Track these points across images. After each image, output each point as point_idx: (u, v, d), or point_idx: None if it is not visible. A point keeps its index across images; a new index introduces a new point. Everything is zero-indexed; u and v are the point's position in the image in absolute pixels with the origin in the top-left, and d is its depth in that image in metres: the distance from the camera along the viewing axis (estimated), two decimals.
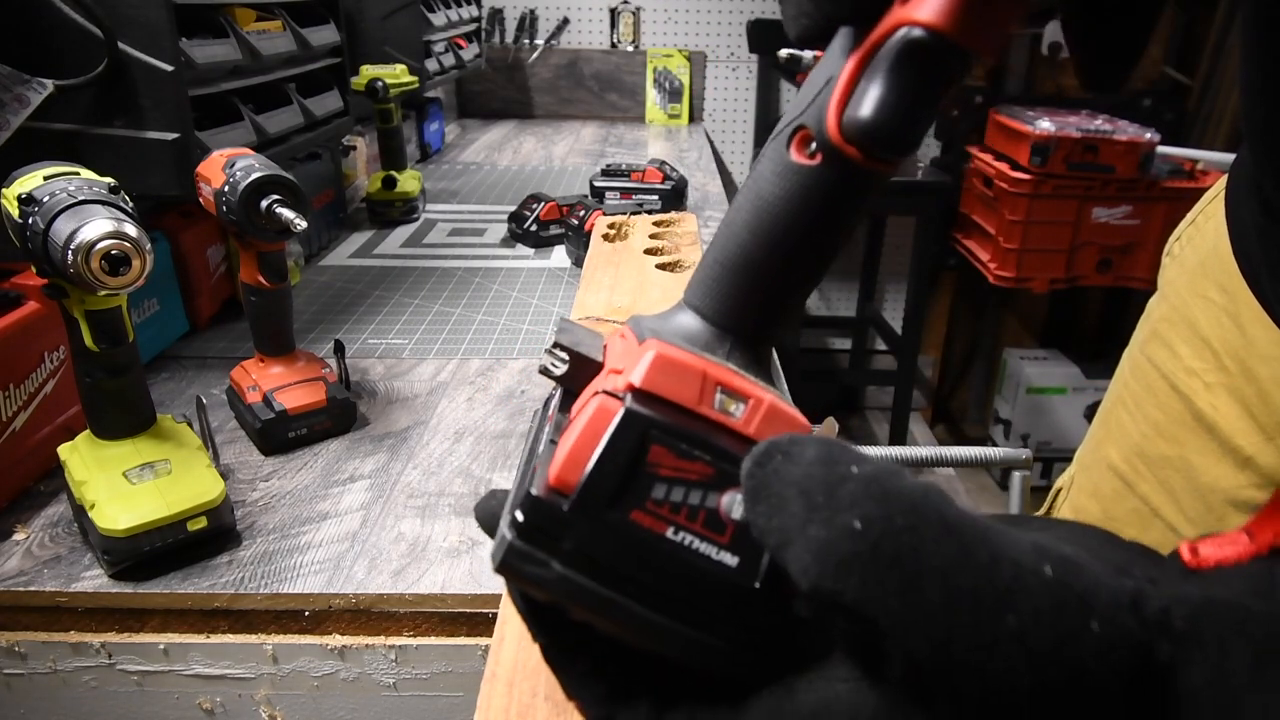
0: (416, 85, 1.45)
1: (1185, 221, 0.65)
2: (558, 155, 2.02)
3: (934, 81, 0.23)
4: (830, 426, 0.26)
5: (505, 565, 0.23)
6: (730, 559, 0.23)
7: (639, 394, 0.24)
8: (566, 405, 0.27)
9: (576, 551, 0.23)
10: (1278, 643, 0.19)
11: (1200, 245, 0.61)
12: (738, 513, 0.23)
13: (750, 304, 0.27)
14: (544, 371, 0.27)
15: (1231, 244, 0.56)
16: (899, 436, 2.46)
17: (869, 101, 0.23)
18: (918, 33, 0.22)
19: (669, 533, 0.23)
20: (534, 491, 0.23)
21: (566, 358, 0.27)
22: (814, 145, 0.25)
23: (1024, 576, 0.19)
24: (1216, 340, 0.58)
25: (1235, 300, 0.56)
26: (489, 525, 0.27)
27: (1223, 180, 0.60)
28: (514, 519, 0.23)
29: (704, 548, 0.23)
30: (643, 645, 0.24)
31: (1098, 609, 0.19)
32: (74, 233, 0.51)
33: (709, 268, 0.28)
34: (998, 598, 0.19)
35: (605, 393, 0.24)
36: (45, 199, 0.53)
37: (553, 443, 0.25)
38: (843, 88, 0.24)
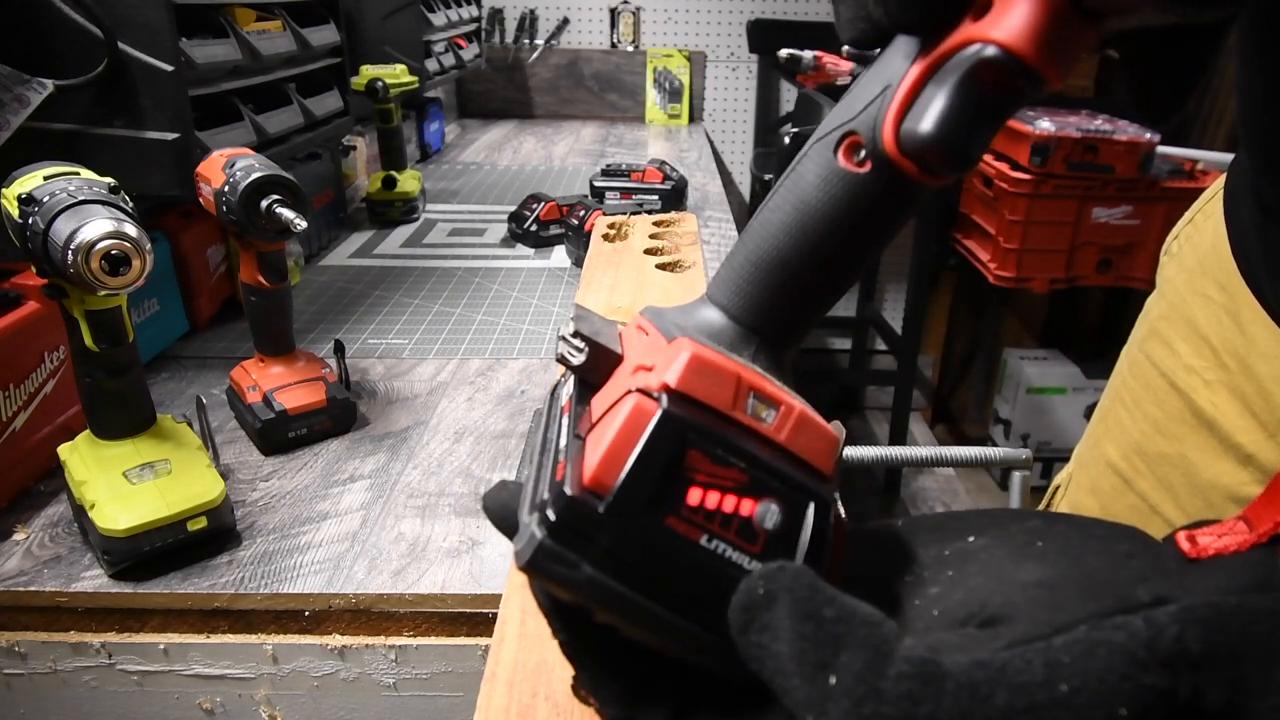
0: (416, 85, 1.45)
1: (1184, 220, 0.65)
2: (558, 155, 2.01)
3: (1002, 102, 0.23)
4: (838, 430, 0.26)
5: (533, 564, 0.22)
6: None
7: (674, 395, 0.23)
8: (584, 397, 0.27)
9: (608, 554, 0.22)
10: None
11: (1199, 244, 0.61)
12: (770, 523, 0.23)
13: (780, 306, 0.26)
14: (561, 360, 0.27)
15: (1230, 244, 0.56)
16: (899, 436, 2.46)
17: (931, 116, 0.22)
18: (992, 51, 0.22)
19: (702, 540, 0.22)
20: (569, 491, 0.22)
21: (585, 347, 0.26)
22: (864, 153, 0.24)
23: (1042, 712, 0.19)
24: (1216, 338, 0.58)
25: (1234, 298, 0.56)
26: (500, 517, 0.27)
27: (1221, 179, 0.60)
28: (545, 517, 0.22)
29: (736, 557, 0.22)
30: (668, 651, 0.23)
31: (1122, 690, 0.19)
32: (74, 233, 0.51)
33: (739, 266, 0.27)
34: None
35: (639, 391, 0.23)
36: (45, 199, 0.53)
37: (578, 437, 0.25)
38: (903, 98, 0.23)
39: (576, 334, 0.26)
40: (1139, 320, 0.69)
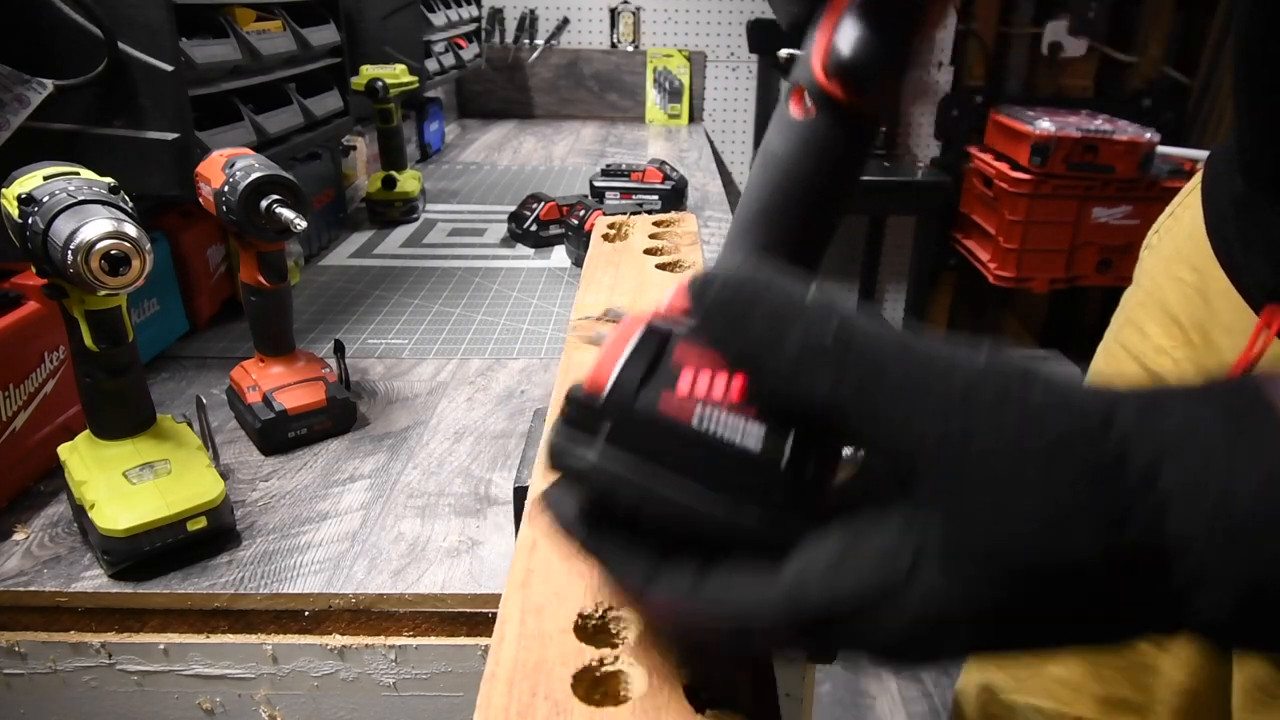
0: (416, 85, 1.45)
1: (1164, 215, 0.68)
2: (558, 155, 2.02)
3: (896, 18, 0.29)
4: None
5: (553, 459, 0.26)
6: (755, 442, 0.24)
7: (664, 315, 0.27)
8: None
9: (613, 439, 0.25)
10: (1243, 405, 0.20)
11: (1177, 233, 0.64)
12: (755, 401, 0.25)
13: (768, 253, 0.32)
14: (594, 342, 0.30)
15: (1207, 228, 0.59)
16: None
17: (844, 41, 0.29)
18: None
19: (694, 419, 0.25)
20: (574, 394, 0.26)
21: (616, 320, 0.32)
22: (808, 99, 0.30)
23: (987, 365, 0.22)
24: (1185, 316, 0.61)
25: (1205, 277, 0.59)
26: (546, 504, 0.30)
27: (1199, 176, 0.63)
28: (558, 418, 0.26)
29: (730, 432, 0.24)
30: (681, 525, 0.25)
31: (1041, 384, 0.21)
32: (74, 233, 0.51)
33: (732, 236, 0.32)
34: (957, 381, 0.21)
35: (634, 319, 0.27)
36: (45, 199, 0.53)
37: None
38: (824, 42, 0.30)
39: (608, 311, 0.31)
40: (1115, 314, 0.71)
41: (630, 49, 2.54)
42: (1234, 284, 0.55)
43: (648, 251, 0.77)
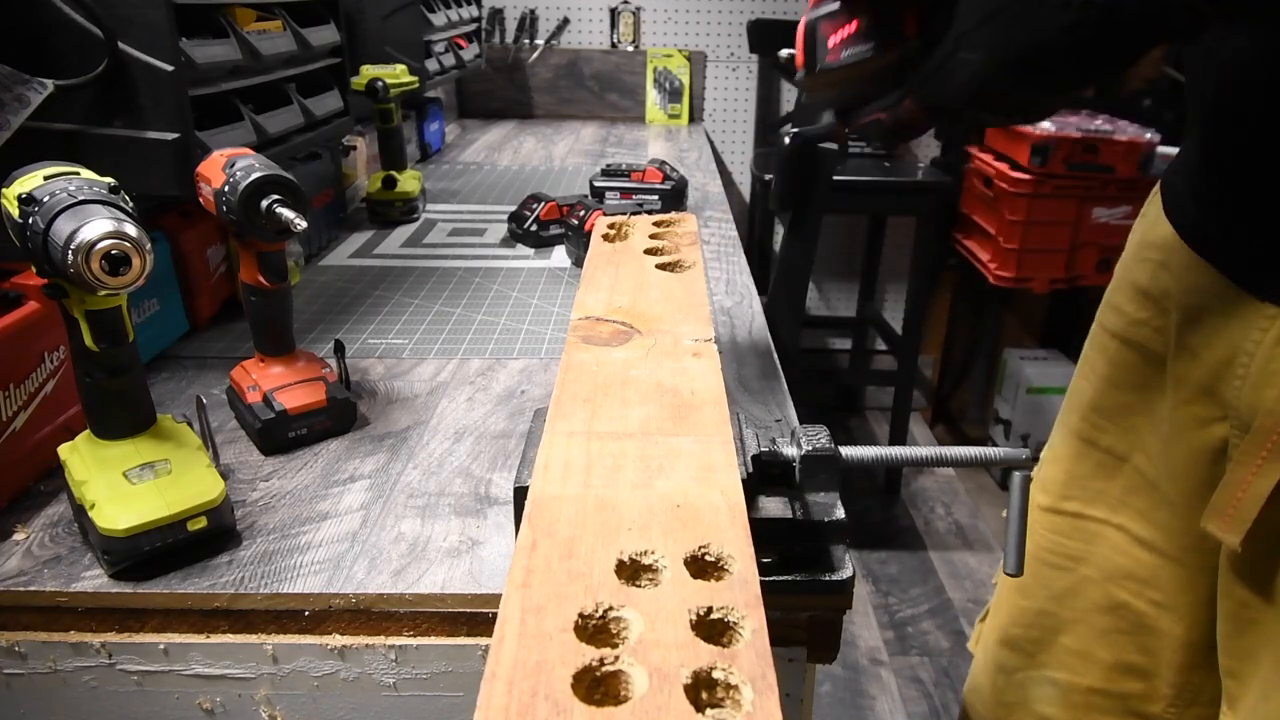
0: (416, 85, 1.45)
1: (1138, 218, 0.75)
2: (558, 155, 2.02)
3: None
4: None
5: (796, 141, 0.58)
6: (869, 50, 0.48)
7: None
8: None
9: (811, 86, 0.54)
10: None
11: (1142, 225, 0.72)
12: (864, 29, 0.48)
13: None
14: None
15: (1166, 212, 0.67)
16: (899, 436, 2.46)
17: None
18: None
19: (839, 58, 0.49)
20: (797, 82, 0.55)
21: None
22: None
23: None
24: (1155, 289, 0.68)
25: (1165, 250, 0.66)
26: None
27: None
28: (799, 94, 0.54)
29: (856, 53, 0.48)
30: (859, 99, 0.52)
31: None
32: (74, 233, 0.51)
33: None
34: None
35: None
36: (45, 199, 0.53)
37: None
38: None
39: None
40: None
41: (630, 49, 2.54)
42: (1192, 243, 0.63)
43: (648, 251, 0.77)
